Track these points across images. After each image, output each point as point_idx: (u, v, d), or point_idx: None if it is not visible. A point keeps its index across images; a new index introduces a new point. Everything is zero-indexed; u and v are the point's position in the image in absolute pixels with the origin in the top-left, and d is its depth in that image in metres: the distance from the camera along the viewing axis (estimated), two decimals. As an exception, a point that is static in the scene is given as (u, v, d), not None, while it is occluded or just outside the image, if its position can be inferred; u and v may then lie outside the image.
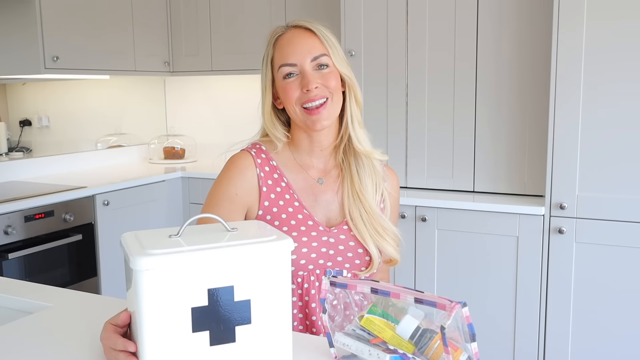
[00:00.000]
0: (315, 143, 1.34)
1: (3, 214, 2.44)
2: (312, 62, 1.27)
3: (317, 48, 1.28)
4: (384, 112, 2.70)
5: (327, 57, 1.28)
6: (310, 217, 1.31)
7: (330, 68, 1.29)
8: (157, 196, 3.20)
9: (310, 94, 1.26)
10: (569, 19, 2.22)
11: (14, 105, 3.35)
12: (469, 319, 0.85)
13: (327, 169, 1.37)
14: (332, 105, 1.28)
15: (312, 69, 1.27)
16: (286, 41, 1.30)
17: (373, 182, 1.35)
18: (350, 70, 1.33)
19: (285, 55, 1.28)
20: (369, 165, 1.35)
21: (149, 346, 0.87)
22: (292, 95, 1.28)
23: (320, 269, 1.31)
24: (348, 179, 1.34)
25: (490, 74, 2.51)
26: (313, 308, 1.30)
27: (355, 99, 1.33)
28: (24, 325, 1.19)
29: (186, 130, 3.97)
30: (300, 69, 1.28)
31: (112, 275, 2.92)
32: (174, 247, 0.88)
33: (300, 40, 1.28)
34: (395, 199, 1.43)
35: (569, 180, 2.29)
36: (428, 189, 2.69)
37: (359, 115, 1.35)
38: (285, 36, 1.30)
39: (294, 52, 1.28)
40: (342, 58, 1.31)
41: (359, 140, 1.33)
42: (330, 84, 1.28)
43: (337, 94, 1.30)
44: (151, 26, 3.50)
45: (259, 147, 1.35)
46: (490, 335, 2.46)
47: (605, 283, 2.28)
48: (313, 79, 1.26)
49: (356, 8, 2.70)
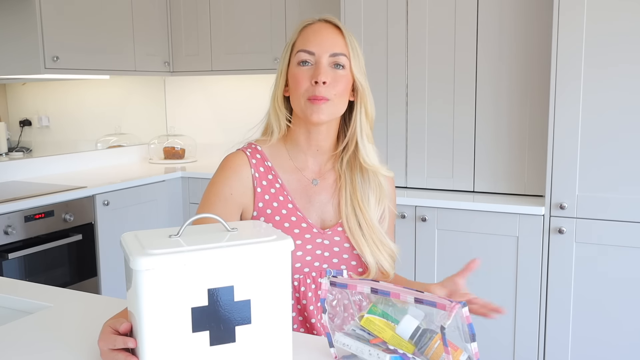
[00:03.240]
0: (313, 141, 1.32)
1: (3, 214, 2.44)
2: (331, 57, 1.26)
3: (339, 46, 1.27)
4: (384, 112, 2.70)
5: (346, 58, 1.27)
6: (304, 219, 1.30)
7: (346, 71, 1.27)
8: (157, 196, 3.20)
9: (317, 88, 1.24)
10: (569, 18, 2.22)
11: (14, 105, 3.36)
12: (468, 319, 0.85)
13: (322, 172, 1.35)
14: (332, 105, 1.26)
15: (327, 64, 1.26)
16: (312, 30, 1.29)
17: (377, 198, 1.33)
18: (366, 81, 1.30)
19: (307, 42, 1.28)
20: (375, 180, 1.33)
21: (149, 346, 0.87)
22: (301, 84, 1.26)
23: (316, 272, 1.30)
24: (349, 189, 1.33)
25: (491, 74, 2.51)
26: (311, 311, 1.30)
27: (366, 111, 1.31)
28: (24, 325, 1.18)
29: (186, 130, 3.97)
30: (317, 60, 1.26)
31: (112, 275, 2.92)
32: (174, 247, 0.88)
33: (327, 33, 1.28)
34: (394, 198, 1.42)
35: (569, 180, 2.29)
36: (428, 189, 2.69)
37: (369, 130, 1.32)
38: (314, 26, 1.30)
39: (315, 42, 1.27)
40: (360, 66, 1.29)
41: (367, 154, 1.31)
42: (338, 85, 1.26)
43: (340, 98, 1.28)
44: (151, 26, 3.50)
45: (254, 147, 1.34)
46: (490, 336, 2.46)
47: (605, 283, 2.28)
48: (325, 73, 1.25)
49: (356, 8, 2.70)
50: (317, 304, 1.31)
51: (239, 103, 3.78)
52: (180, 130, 3.97)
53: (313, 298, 1.30)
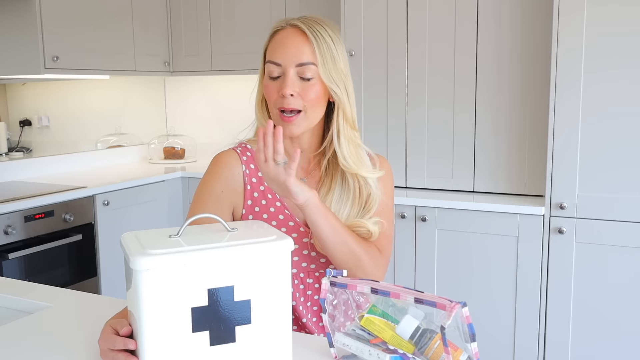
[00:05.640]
0: (296, 144, 1.31)
1: (3, 214, 2.44)
2: (297, 67, 1.21)
3: (306, 55, 1.21)
4: (384, 112, 2.70)
5: (314, 66, 1.21)
6: (292, 217, 1.29)
7: (315, 80, 1.22)
8: (157, 196, 3.20)
9: (285, 100, 1.21)
10: (569, 21, 2.22)
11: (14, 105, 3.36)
12: (469, 319, 0.85)
13: (309, 169, 1.34)
14: (305, 117, 1.23)
15: (294, 75, 1.21)
16: (280, 38, 1.25)
17: (355, 201, 1.29)
18: (343, 83, 1.24)
19: (274, 52, 1.24)
20: (355, 182, 1.28)
21: (149, 346, 0.87)
22: (270, 96, 1.24)
23: (304, 272, 1.30)
24: (323, 191, 1.30)
25: (491, 74, 2.51)
26: (301, 311, 1.29)
27: (344, 115, 1.25)
28: (24, 325, 1.19)
29: (186, 130, 3.97)
30: (284, 71, 1.22)
31: (112, 275, 2.92)
32: (174, 247, 0.89)
33: (292, 43, 1.22)
34: (388, 190, 1.36)
35: (569, 180, 2.29)
36: (428, 189, 2.69)
37: (350, 131, 1.27)
38: (282, 33, 1.25)
39: (281, 52, 1.23)
40: (334, 70, 1.22)
41: (344, 157, 1.26)
42: (308, 95, 1.21)
43: (314, 107, 1.23)
44: (151, 26, 3.50)
45: (244, 146, 1.34)
46: (490, 335, 2.46)
47: (605, 283, 2.28)
48: (291, 85, 1.20)
49: (356, 7, 2.70)
50: (306, 304, 1.30)
51: (239, 103, 3.77)
52: (180, 130, 3.97)
53: (301, 298, 1.30)
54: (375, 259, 1.27)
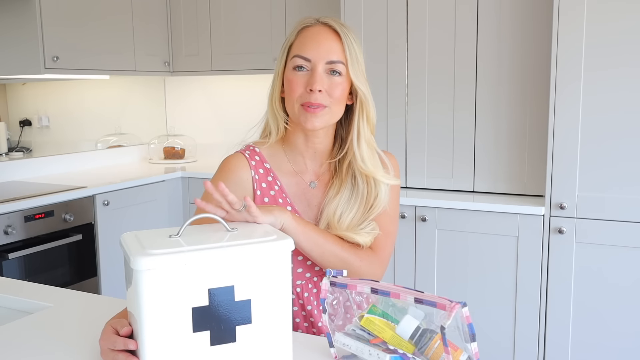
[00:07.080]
0: (310, 144, 1.31)
1: (3, 214, 2.44)
2: (327, 64, 1.23)
3: (337, 53, 1.23)
4: (384, 112, 2.70)
5: (343, 65, 1.24)
6: None
7: (342, 78, 1.24)
8: (157, 196, 3.20)
9: (312, 96, 1.22)
10: (569, 19, 2.22)
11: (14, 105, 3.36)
12: (469, 319, 0.85)
13: (319, 173, 1.34)
14: (329, 112, 1.24)
15: (323, 71, 1.23)
16: (310, 34, 1.25)
17: (361, 205, 1.29)
18: (367, 87, 1.27)
19: (303, 47, 1.25)
20: (365, 186, 1.29)
21: (150, 346, 0.87)
22: (295, 90, 1.24)
23: (317, 276, 1.30)
24: (331, 193, 1.30)
25: (490, 73, 2.51)
26: (316, 315, 1.29)
27: (367, 117, 1.28)
28: (24, 325, 1.19)
29: (186, 130, 3.97)
30: (313, 66, 1.23)
31: (112, 275, 2.92)
32: (174, 247, 0.89)
33: (324, 39, 1.24)
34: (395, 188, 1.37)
35: (569, 180, 2.29)
36: (428, 189, 2.69)
37: (369, 135, 1.29)
38: (312, 29, 1.26)
39: (312, 48, 1.24)
40: (360, 72, 1.26)
41: (362, 160, 1.27)
42: (334, 92, 1.23)
43: (338, 105, 1.25)
44: (151, 26, 3.50)
45: (252, 149, 1.32)
46: (490, 335, 2.46)
47: (605, 283, 2.28)
48: (320, 80, 1.22)
49: (356, 7, 2.70)
50: (319, 308, 1.30)
51: (239, 103, 3.78)
52: (180, 130, 3.97)
53: (315, 302, 1.30)
54: (368, 259, 1.27)
